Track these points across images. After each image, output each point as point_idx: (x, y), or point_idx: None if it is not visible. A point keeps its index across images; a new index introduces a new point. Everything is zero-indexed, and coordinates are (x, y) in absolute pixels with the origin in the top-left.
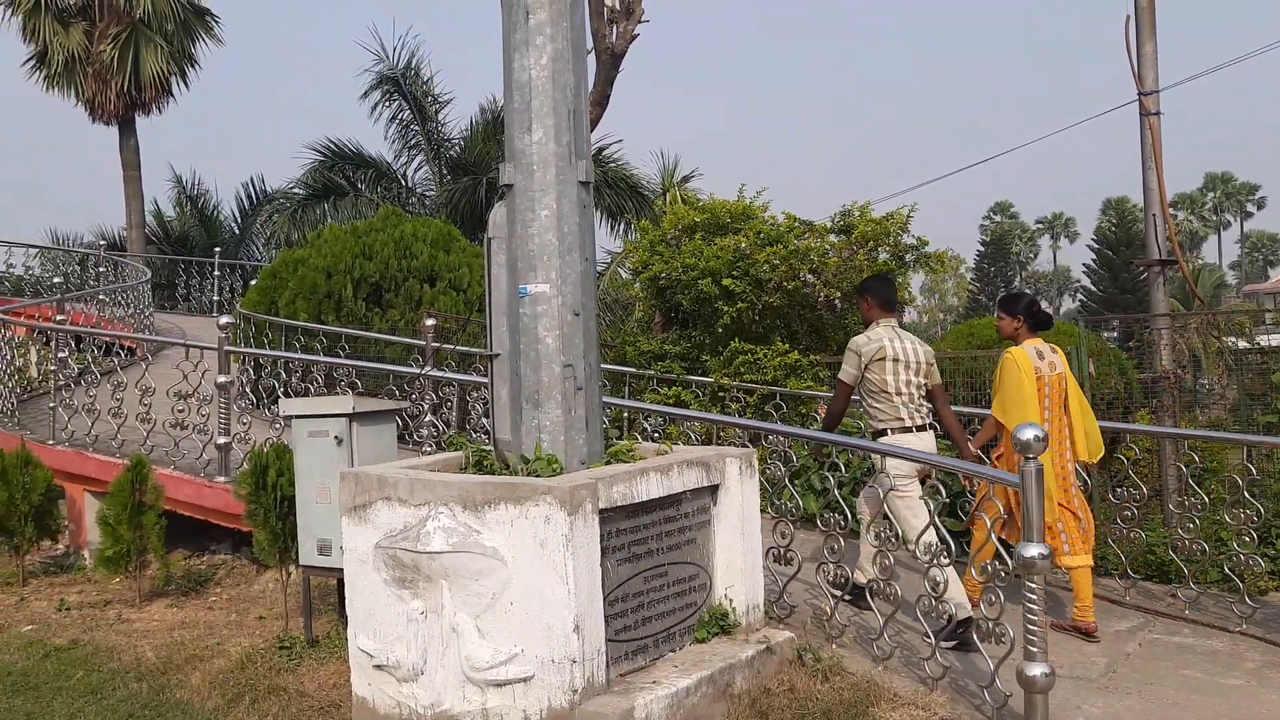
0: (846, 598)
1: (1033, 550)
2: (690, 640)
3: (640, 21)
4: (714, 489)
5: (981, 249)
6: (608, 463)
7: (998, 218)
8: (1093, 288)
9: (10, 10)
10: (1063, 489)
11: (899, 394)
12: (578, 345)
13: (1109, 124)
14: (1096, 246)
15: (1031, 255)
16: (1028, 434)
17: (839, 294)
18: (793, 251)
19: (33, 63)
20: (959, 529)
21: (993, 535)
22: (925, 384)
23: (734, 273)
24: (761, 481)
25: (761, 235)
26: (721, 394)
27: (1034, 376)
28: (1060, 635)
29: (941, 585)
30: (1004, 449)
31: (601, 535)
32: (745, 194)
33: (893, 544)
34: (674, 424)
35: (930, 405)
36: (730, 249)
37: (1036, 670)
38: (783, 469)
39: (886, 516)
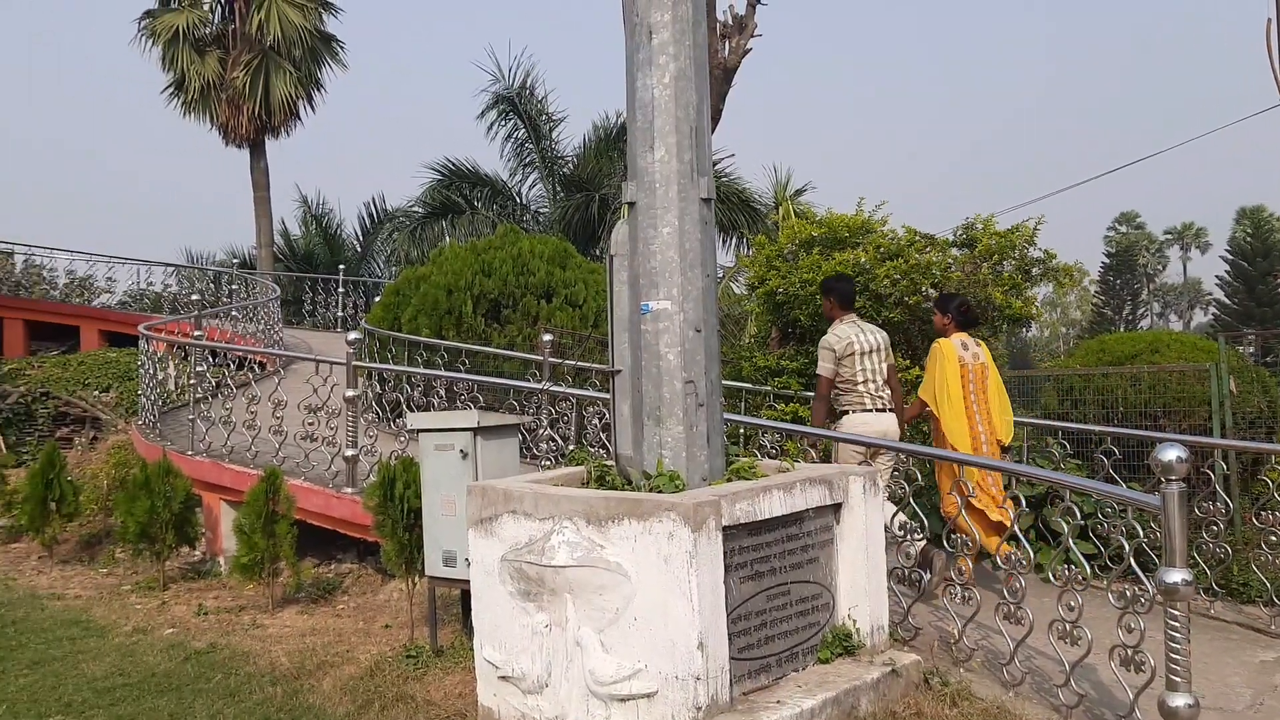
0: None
1: (1175, 576)
2: (813, 660)
3: (753, 35)
4: (837, 507)
5: (1106, 261)
6: (729, 480)
7: (1123, 228)
8: (1226, 300)
9: (151, 41)
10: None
11: (864, 382)
12: (699, 362)
13: (1243, 130)
14: (1231, 258)
15: (1160, 267)
16: (1170, 454)
17: None
18: (914, 266)
19: (171, 90)
20: (1091, 551)
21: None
22: (885, 366)
23: None
24: None
25: (881, 249)
26: None
27: (958, 365)
28: (1201, 666)
29: None
30: (935, 427)
31: (724, 552)
32: (864, 207)
33: (1022, 566)
34: (791, 440)
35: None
36: (849, 264)
37: (1180, 700)
38: (906, 487)
39: (1014, 538)
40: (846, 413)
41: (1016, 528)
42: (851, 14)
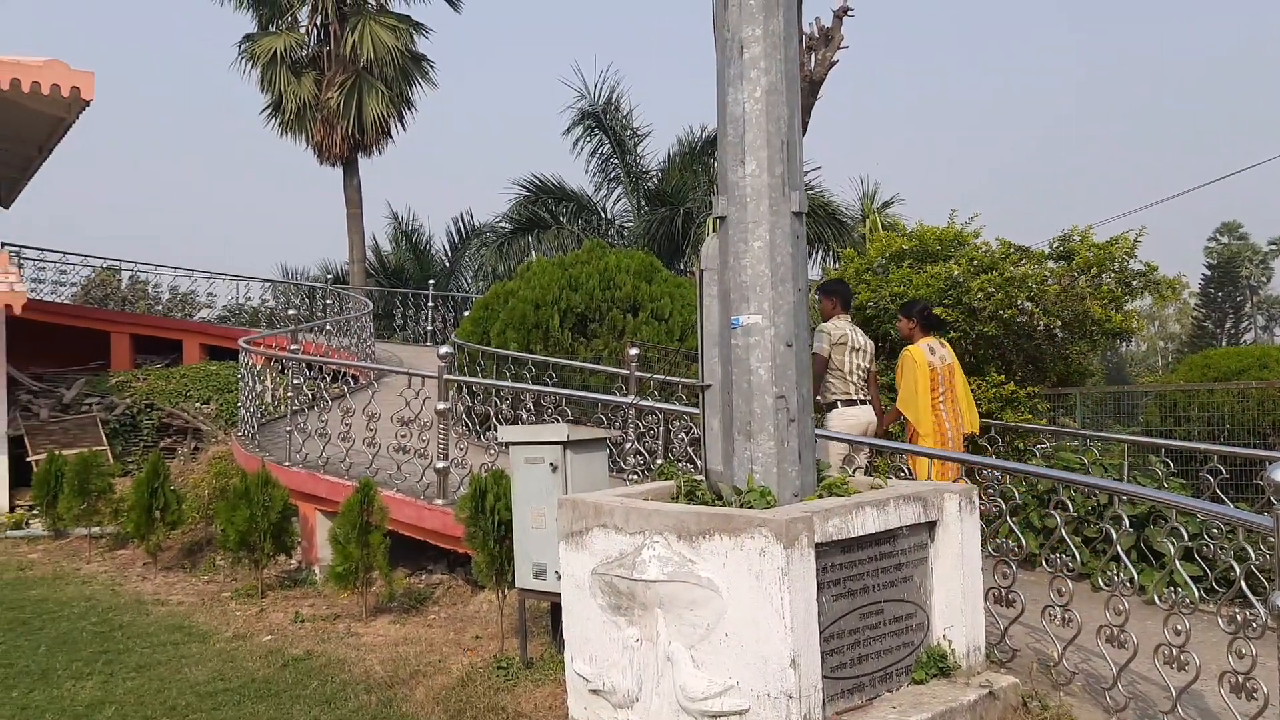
0: None
1: None
2: (907, 681)
3: (839, 48)
4: (931, 525)
5: (1207, 273)
6: (821, 496)
7: (1224, 239)
8: None
9: (251, 64)
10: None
11: (850, 374)
12: (790, 377)
13: None
14: None
15: (1264, 279)
16: None
17: (1059, 323)
18: (1008, 279)
19: (269, 111)
20: (1197, 573)
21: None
22: (868, 367)
23: (945, 301)
24: None
25: (974, 262)
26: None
27: (927, 369)
28: None
29: None
30: (910, 431)
31: (817, 570)
32: (956, 220)
33: (1126, 589)
34: (882, 457)
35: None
36: (941, 277)
37: None
38: (1003, 505)
39: (1116, 559)
40: (835, 404)
41: (1119, 548)
42: (940, 22)
